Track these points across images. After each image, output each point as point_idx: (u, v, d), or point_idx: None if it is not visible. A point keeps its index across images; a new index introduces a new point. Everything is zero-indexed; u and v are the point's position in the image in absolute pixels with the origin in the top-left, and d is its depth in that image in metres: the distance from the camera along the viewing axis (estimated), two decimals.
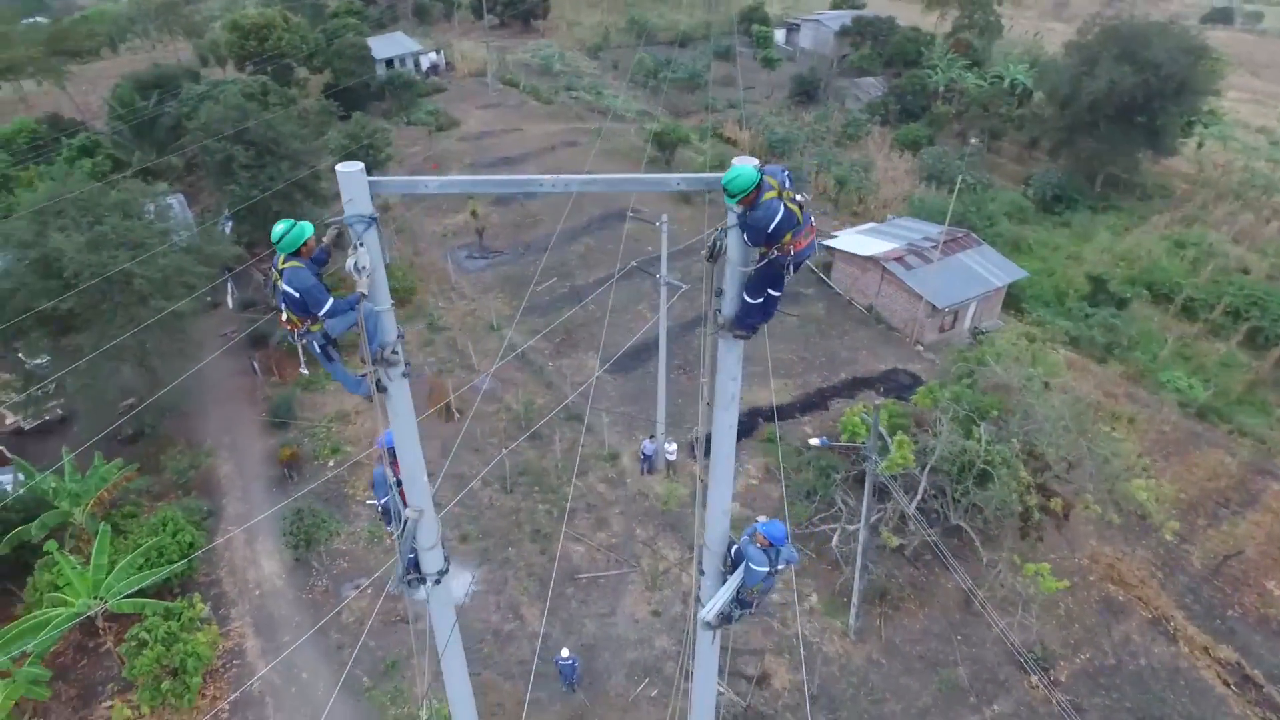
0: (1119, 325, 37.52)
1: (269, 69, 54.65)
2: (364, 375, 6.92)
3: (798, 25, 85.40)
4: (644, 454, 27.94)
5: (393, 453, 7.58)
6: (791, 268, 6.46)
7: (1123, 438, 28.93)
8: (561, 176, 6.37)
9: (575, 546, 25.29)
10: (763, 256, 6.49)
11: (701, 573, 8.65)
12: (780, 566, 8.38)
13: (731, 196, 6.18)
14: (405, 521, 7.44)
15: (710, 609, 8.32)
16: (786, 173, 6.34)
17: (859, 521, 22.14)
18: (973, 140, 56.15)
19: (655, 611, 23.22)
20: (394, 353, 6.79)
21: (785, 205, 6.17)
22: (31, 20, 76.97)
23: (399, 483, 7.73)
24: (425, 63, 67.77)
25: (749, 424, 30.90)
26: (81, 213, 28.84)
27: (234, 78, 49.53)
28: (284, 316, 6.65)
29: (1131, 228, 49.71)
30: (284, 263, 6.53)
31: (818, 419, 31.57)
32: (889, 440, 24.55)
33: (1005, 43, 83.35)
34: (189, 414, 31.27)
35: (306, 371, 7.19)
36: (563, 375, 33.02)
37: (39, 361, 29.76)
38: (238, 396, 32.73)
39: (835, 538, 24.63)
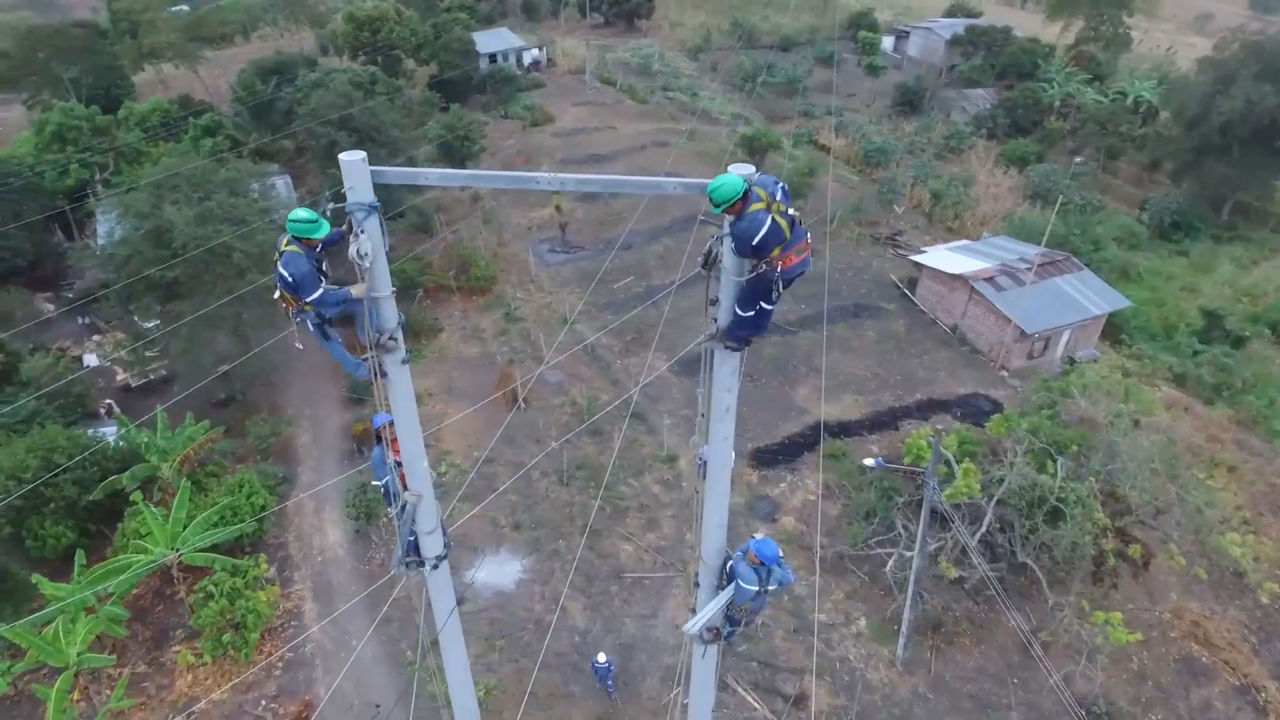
0: (1232, 365, 34.72)
1: (379, 59, 57.02)
2: (364, 359, 7.09)
3: (907, 33, 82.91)
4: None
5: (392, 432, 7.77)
6: (780, 284, 6.25)
7: (1220, 487, 26.82)
8: (558, 175, 6.36)
9: (624, 545, 25.32)
10: (753, 269, 6.30)
11: (697, 585, 8.50)
12: (772, 587, 8.13)
13: (716, 206, 6.03)
14: (404, 504, 7.60)
15: (695, 623, 8.17)
16: (780, 185, 6.15)
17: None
18: (1077, 159, 53.07)
19: None
20: (392, 339, 6.93)
21: (773, 218, 5.97)
22: (177, 8, 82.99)
23: (398, 464, 7.91)
24: (527, 58, 69.25)
25: (812, 438, 30.24)
26: (193, 188, 30.87)
27: (346, 67, 51.87)
28: (277, 294, 6.91)
29: (1260, 261, 45.99)
30: (286, 245, 6.76)
31: (885, 439, 30.56)
32: (955, 467, 23.56)
33: (1133, 57, 78.54)
34: (276, 384, 32.98)
35: (301, 346, 7.40)
36: (629, 374, 33.13)
37: (150, 324, 32.07)
38: (321, 371, 34.22)
39: (891, 563, 23.80)
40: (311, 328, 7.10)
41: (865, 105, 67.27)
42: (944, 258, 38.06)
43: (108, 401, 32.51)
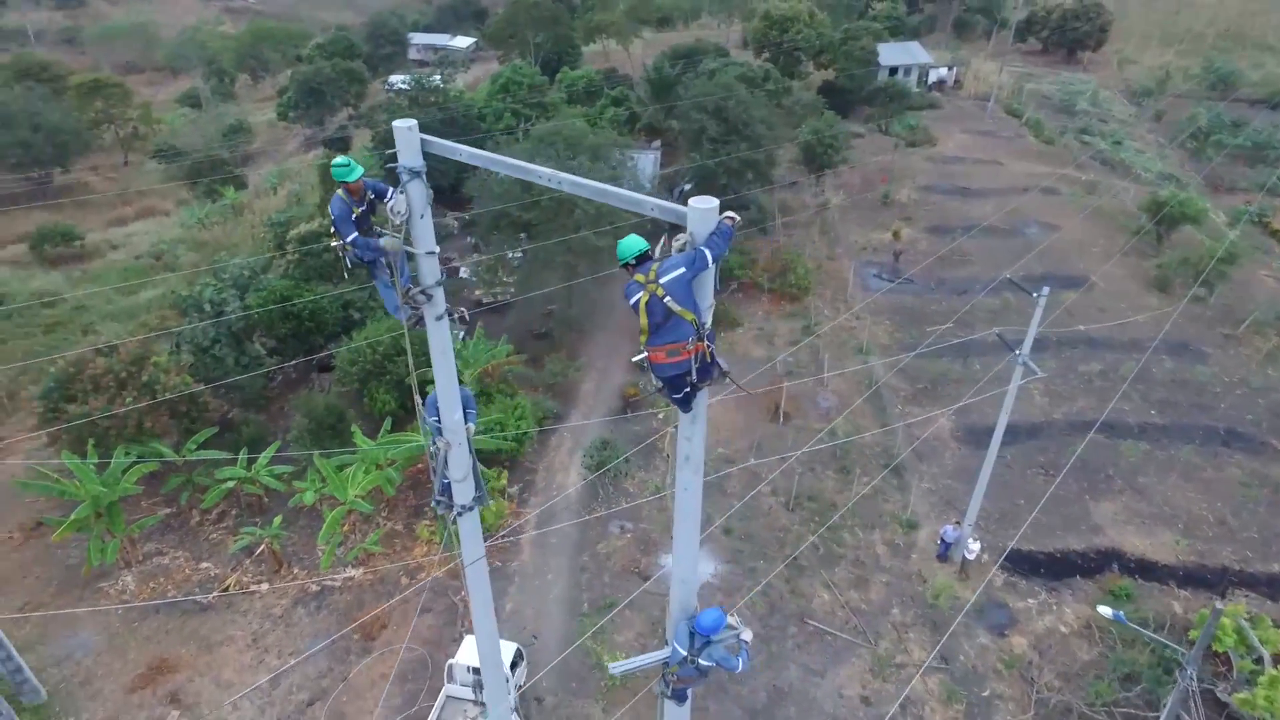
0: None
1: (780, 58, 58.74)
2: (411, 305, 7.74)
3: None
4: (943, 538, 24.84)
5: None
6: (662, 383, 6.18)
7: None
8: (556, 173, 6.27)
9: (822, 592, 23.89)
10: None
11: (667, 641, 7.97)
12: (705, 661, 7.31)
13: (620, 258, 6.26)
14: (441, 450, 8.28)
15: (617, 667, 7.73)
16: (681, 276, 5.89)
17: None
18: None
19: (865, 698, 20.98)
20: (424, 294, 7.46)
21: (644, 296, 6.01)
22: None
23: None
24: (933, 76, 65.88)
25: (1092, 563, 25.33)
26: (566, 145, 35.31)
27: (743, 60, 54.34)
28: (331, 231, 7.86)
29: None
30: (338, 188, 7.68)
31: (1201, 601, 24.35)
32: (1266, 662, 18.13)
33: None
34: (585, 333, 36.64)
35: (347, 276, 8.33)
36: (905, 421, 30.65)
37: (516, 254, 37.63)
38: (626, 332, 37.15)
39: None
40: (349, 263, 7.98)
41: None
42: None
43: (461, 309, 38.92)
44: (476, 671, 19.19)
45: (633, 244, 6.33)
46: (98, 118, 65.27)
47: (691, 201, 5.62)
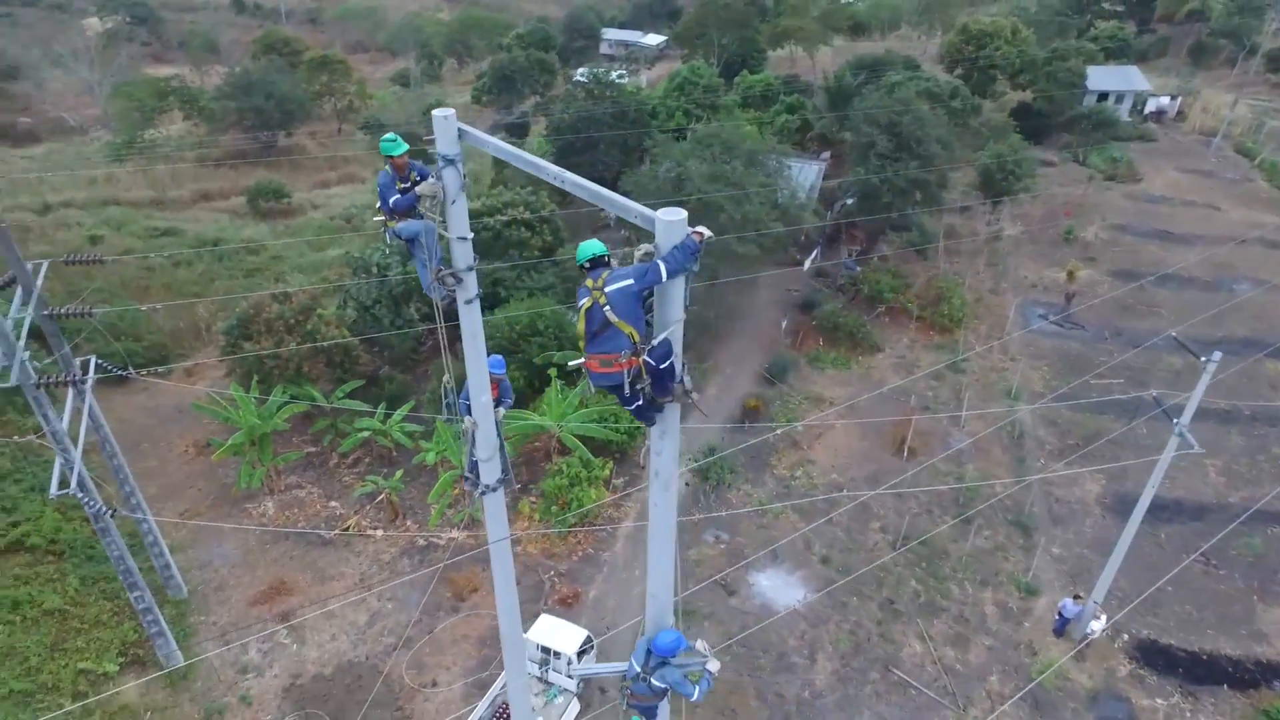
0: None
1: (974, 74, 55.25)
2: (443, 284, 7.97)
3: None
4: (1062, 611, 22.56)
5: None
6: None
7: None
8: (562, 171, 6.20)
9: (915, 643, 22.45)
10: None
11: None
12: (656, 682, 7.04)
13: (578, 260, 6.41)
14: (469, 429, 8.58)
15: (580, 670, 7.59)
16: (627, 287, 5.85)
17: None
18: None
19: None
20: (453, 278, 7.65)
21: (587, 302, 6.08)
22: (847, 1, 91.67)
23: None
24: (1151, 105, 59.41)
25: (1258, 674, 22.12)
26: (723, 149, 35.18)
27: (929, 74, 51.54)
28: (378, 206, 8.20)
29: None
30: (384, 164, 7.99)
31: None
32: None
33: None
34: (718, 338, 36.39)
35: (387, 251, 8.72)
36: (1046, 476, 28.10)
37: None
38: (759, 341, 36.62)
39: None
40: (390, 239, 8.30)
41: None
42: None
43: None
44: (545, 650, 19.72)
45: (588, 248, 6.38)
46: (321, 90, 72.52)
47: (659, 212, 5.46)
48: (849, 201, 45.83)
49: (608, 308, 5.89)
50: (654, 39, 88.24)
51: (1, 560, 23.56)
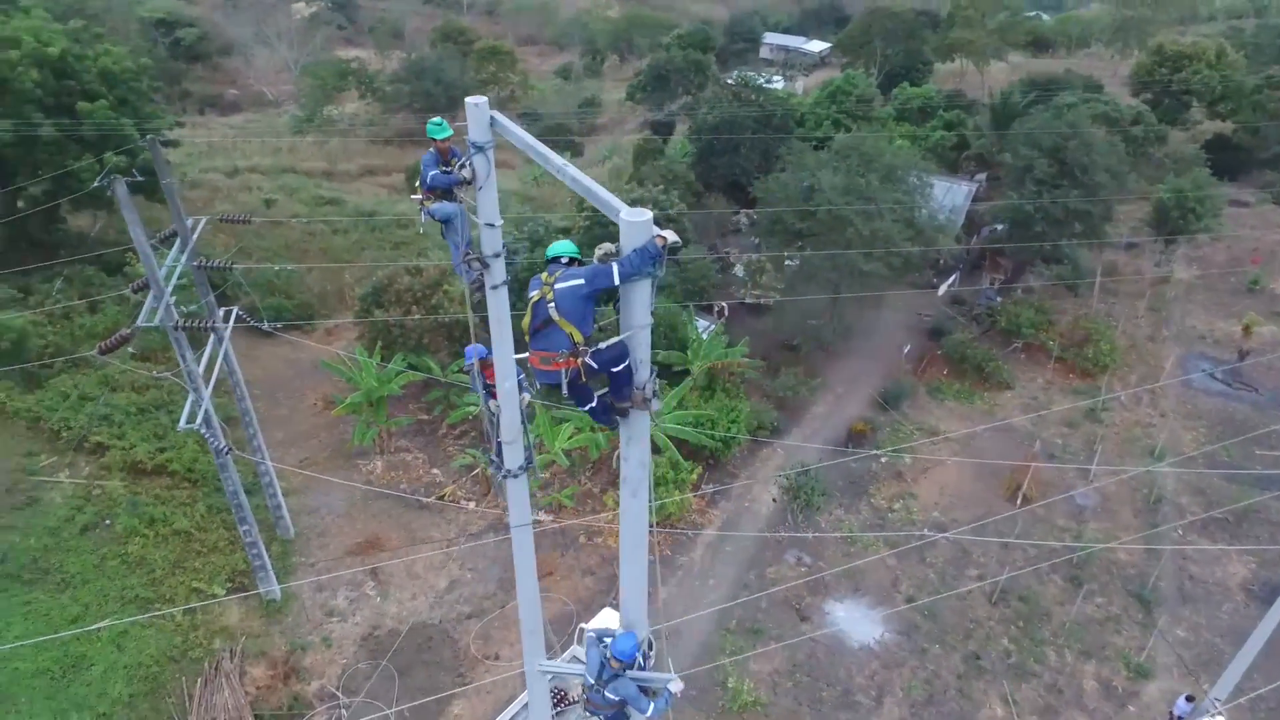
0: None
1: (1165, 100, 50.21)
2: (473, 266, 8.04)
3: None
4: (1175, 711, 20.13)
5: (484, 364, 9.09)
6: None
7: None
8: (565, 164, 6.02)
9: (997, 705, 20.77)
10: None
11: None
12: (610, 694, 6.75)
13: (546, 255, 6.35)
14: (493, 413, 8.69)
15: (545, 665, 7.43)
16: (576, 287, 5.72)
17: None
18: None
19: None
20: (480, 262, 7.68)
21: (536, 295, 5.98)
22: (1033, 14, 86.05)
23: (488, 386, 8.95)
24: None
25: None
26: (861, 161, 33.89)
27: (1107, 97, 47.26)
28: (417, 185, 8.34)
29: None
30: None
31: None
32: None
33: None
34: (834, 355, 35.20)
35: (421, 231, 8.98)
36: (1182, 548, 25.22)
37: (788, 261, 36.99)
38: (878, 362, 35.11)
39: None
40: (424, 218, 8.41)
41: None
42: None
43: (722, 304, 39.61)
44: None
45: (557, 246, 6.32)
46: (487, 79, 76.18)
47: (623, 213, 5.24)
48: (998, 227, 42.98)
49: (552, 305, 5.77)
50: (816, 45, 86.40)
51: (148, 480, 26.36)
